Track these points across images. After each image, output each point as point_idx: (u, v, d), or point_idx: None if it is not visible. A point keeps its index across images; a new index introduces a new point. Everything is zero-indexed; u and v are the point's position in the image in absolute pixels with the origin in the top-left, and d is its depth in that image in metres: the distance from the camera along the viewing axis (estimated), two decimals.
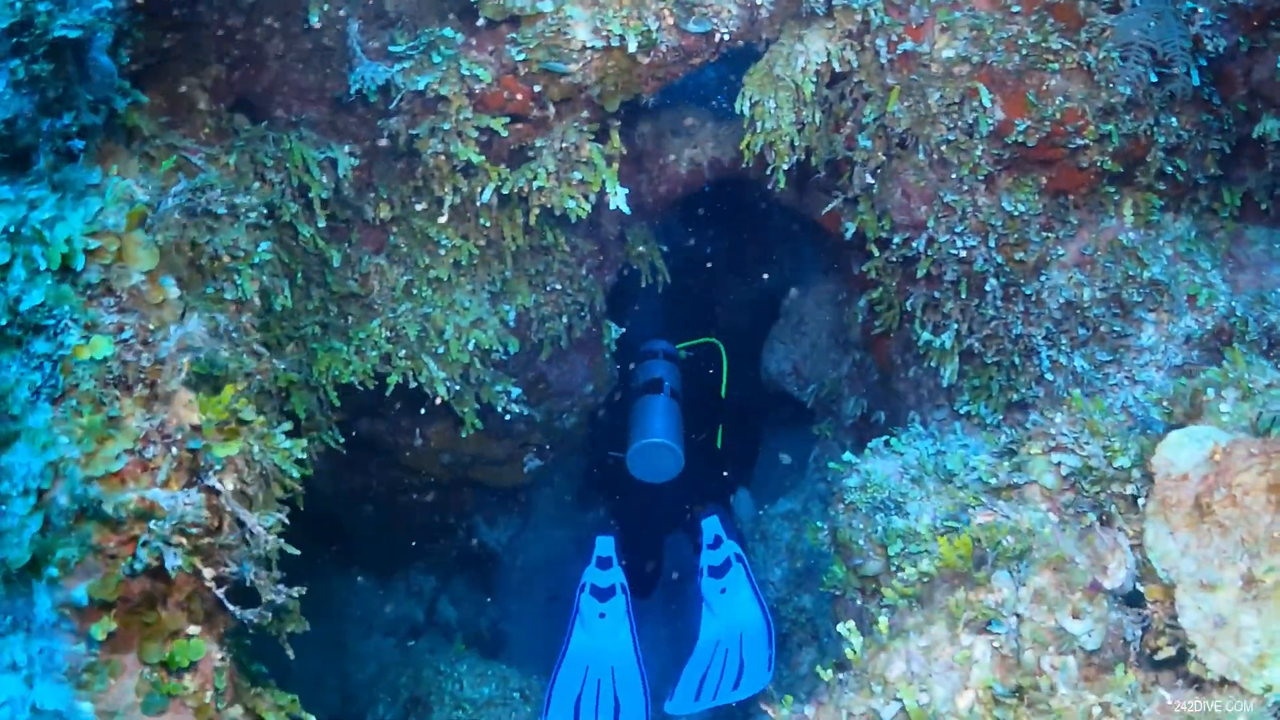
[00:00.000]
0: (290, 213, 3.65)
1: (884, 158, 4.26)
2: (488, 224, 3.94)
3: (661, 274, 4.99)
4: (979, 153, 4.05)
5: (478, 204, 3.83)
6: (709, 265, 7.72)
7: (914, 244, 4.26)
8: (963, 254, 4.19)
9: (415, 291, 4.06)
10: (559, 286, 4.43)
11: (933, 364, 4.59)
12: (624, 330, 5.04)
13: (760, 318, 8.31)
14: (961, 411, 4.63)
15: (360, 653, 7.12)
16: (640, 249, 4.86)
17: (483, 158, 3.61)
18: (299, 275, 3.85)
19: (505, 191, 3.75)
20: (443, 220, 3.90)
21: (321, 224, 3.70)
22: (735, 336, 8.40)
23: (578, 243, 4.51)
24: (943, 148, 4.07)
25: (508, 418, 4.41)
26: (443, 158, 3.70)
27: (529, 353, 4.68)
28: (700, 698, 4.55)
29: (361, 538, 6.66)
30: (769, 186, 4.25)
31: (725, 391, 5.69)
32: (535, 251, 4.34)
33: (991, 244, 4.14)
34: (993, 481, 3.52)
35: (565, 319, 4.56)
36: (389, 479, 6.07)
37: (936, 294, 4.39)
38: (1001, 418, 4.58)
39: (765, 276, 7.90)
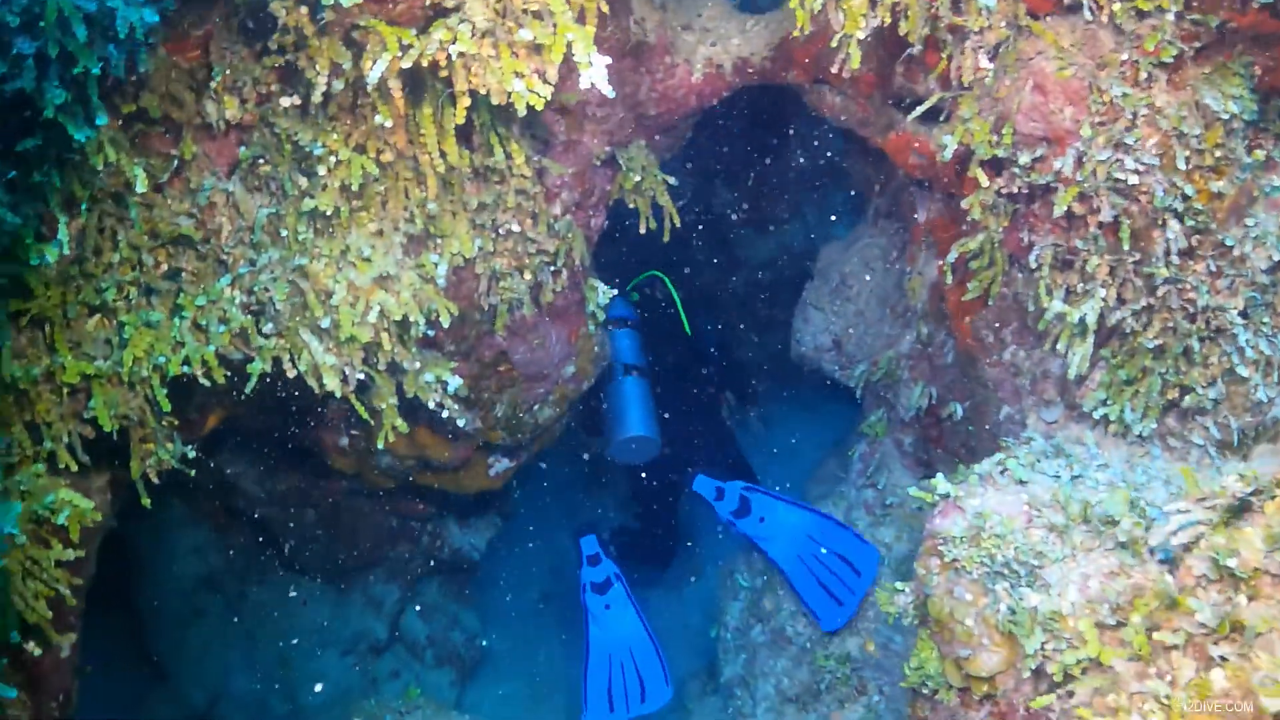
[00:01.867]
0: (54, 105, 2.04)
1: (1009, 30, 2.62)
2: (388, 123, 2.31)
3: (668, 215, 3.36)
4: (1171, 16, 2.40)
5: (369, 88, 2.21)
6: (727, 210, 6.11)
7: (1054, 164, 2.63)
8: (1132, 180, 2.54)
9: (284, 232, 2.45)
10: (517, 228, 2.81)
11: (1056, 345, 2.96)
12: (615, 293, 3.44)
13: (781, 278, 6.71)
14: (1096, 415, 3.00)
15: (312, 672, 5.64)
16: (637, 179, 3.23)
17: (357, 0, 1.98)
18: (86, 208, 2.25)
19: (411, 64, 2.13)
20: (321, 118, 2.28)
21: (103, 120, 2.09)
22: (753, 300, 6.82)
23: (546, 165, 2.88)
24: (1114, 6, 2.42)
25: (444, 415, 2.82)
26: (303, 10, 2.07)
27: (479, 323, 3.08)
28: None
29: (306, 544, 5.14)
30: (837, 71, 2.63)
31: (689, 328, 4.98)
32: (479, 177, 2.73)
33: (1181, 165, 2.49)
34: (1231, 563, 1.91)
35: (529, 275, 2.94)
36: (324, 482, 4.52)
37: (1079, 243, 2.75)
38: (1155, 426, 2.96)
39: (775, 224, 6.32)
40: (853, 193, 6.51)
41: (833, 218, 6.06)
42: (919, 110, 2.83)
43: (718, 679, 4.83)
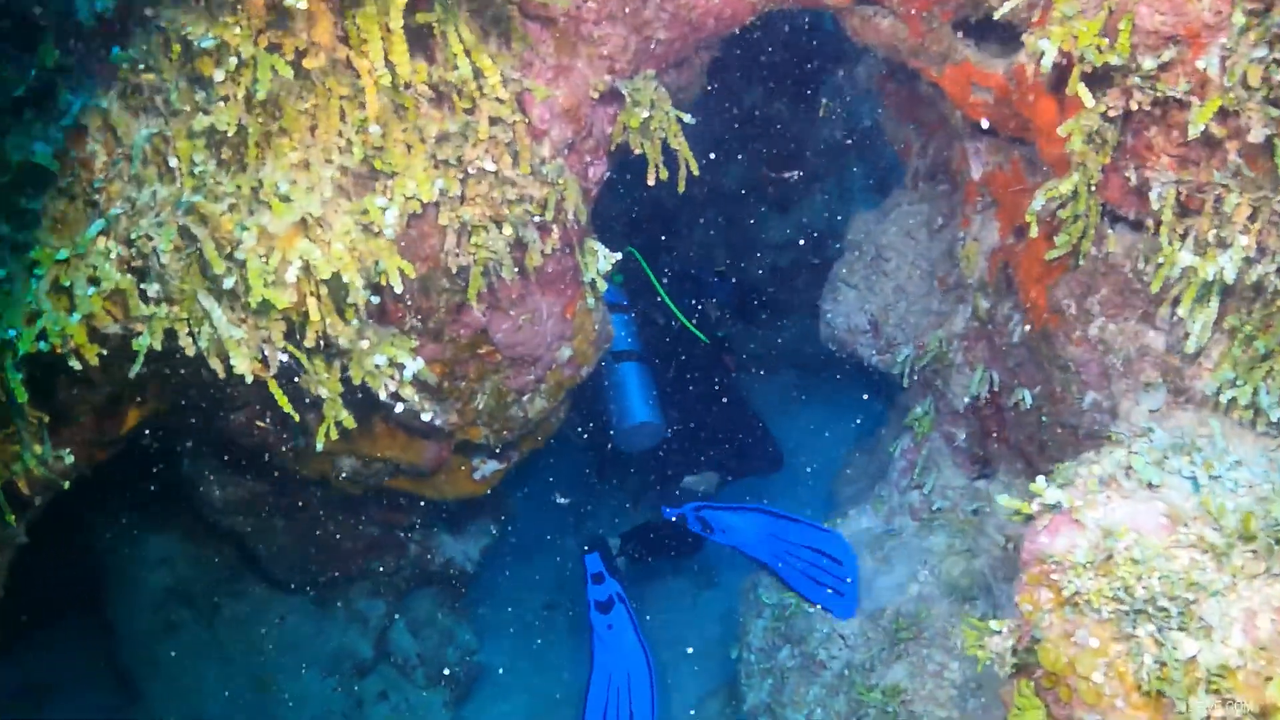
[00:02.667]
0: None
1: None
2: (301, 4, 1.66)
3: (685, 160, 2.69)
4: None
5: None
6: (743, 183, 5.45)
7: (1195, 66, 1.96)
8: None
9: (173, 162, 1.81)
10: (491, 167, 2.15)
11: (1177, 312, 2.29)
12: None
13: (803, 259, 6.07)
14: (1223, 398, 2.33)
15: (292, 694, 5.01)
16: (644, 115, 2.57)
17: None
18: None
19: None
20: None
21: None
22: (775, 286, 6.18)
23: (529, 87, 2.23)
24: None
25: (398, 409, 2.17)
26: None
27: (449, 292, 2.42)
28: None
29: (277, 555, 4.50)
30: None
31: (671, 304, 4.54)
32: (441, 99, 2.07)
33: None
34: None
35: (509, 230, 2.29)
36: (291, 488, 3.87)
37: (1217, 175, 2.09)
38: None
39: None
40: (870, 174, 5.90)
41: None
42: (1005, 8, 2.15)
43: (739, 704, 4.16)
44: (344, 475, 3.07)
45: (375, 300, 1.93)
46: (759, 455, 4.40)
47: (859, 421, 5.75)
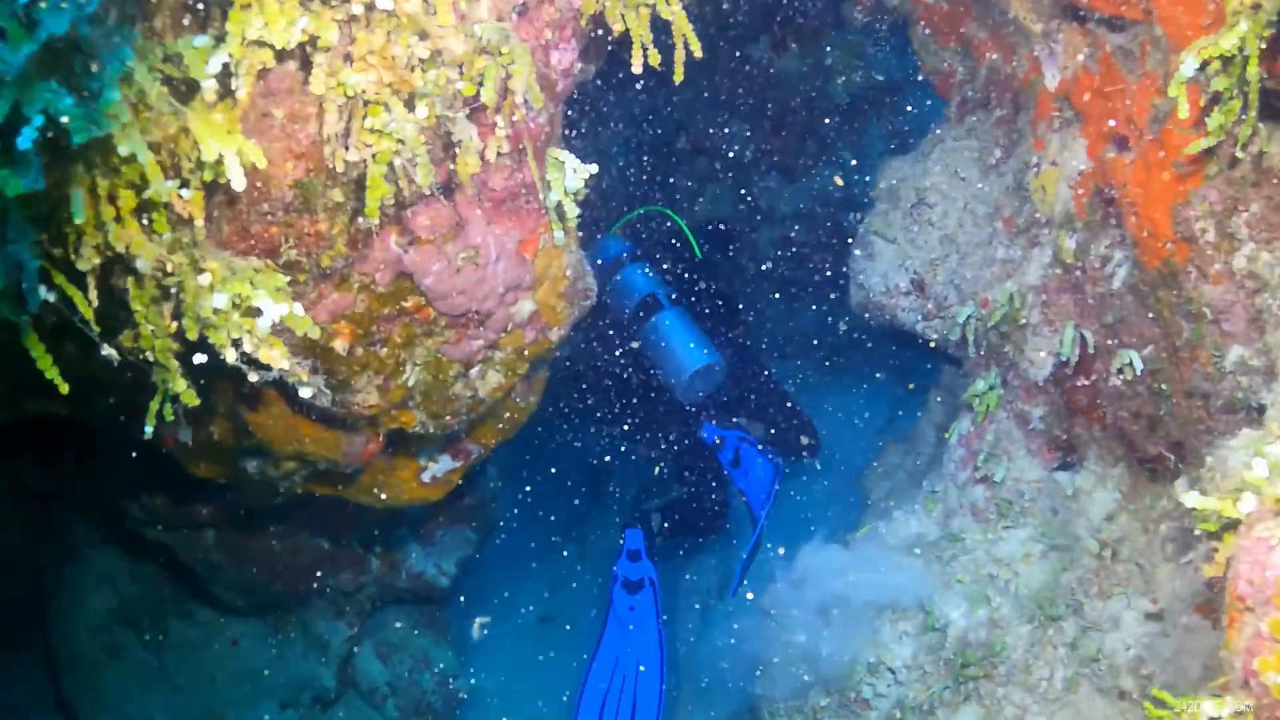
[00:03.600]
0: None
1: None
2: None
3: (682, 40, 1.94)
4: None
5: None
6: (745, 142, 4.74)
7: None
8: None
9: None
10: (388, 5, 1.42)
11: None
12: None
13: (820, 224, 5.36)
14: None
15: None
16: None
17: None
18: None
19: None
20: None
21: None
22: (793, 261, 5.48)
23: None
24: None
25: (252, 378, 1.44)
26: None
27: (342, 209, 1.67)
28: None
29: (214, 573, 3.76)
30: None
31: (700, 252, 4.21)
32: None
33: None
34: None
35: (426, 111, 1.54)
36: (208, 494, 3.13)
37: None
38: None
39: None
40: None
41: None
42: None
43: None
44: (249, 477, 2.32)
45: (186, 195, 1.18)
46: (797, 432, 3.90)
47: (890, 408, 5.02)
